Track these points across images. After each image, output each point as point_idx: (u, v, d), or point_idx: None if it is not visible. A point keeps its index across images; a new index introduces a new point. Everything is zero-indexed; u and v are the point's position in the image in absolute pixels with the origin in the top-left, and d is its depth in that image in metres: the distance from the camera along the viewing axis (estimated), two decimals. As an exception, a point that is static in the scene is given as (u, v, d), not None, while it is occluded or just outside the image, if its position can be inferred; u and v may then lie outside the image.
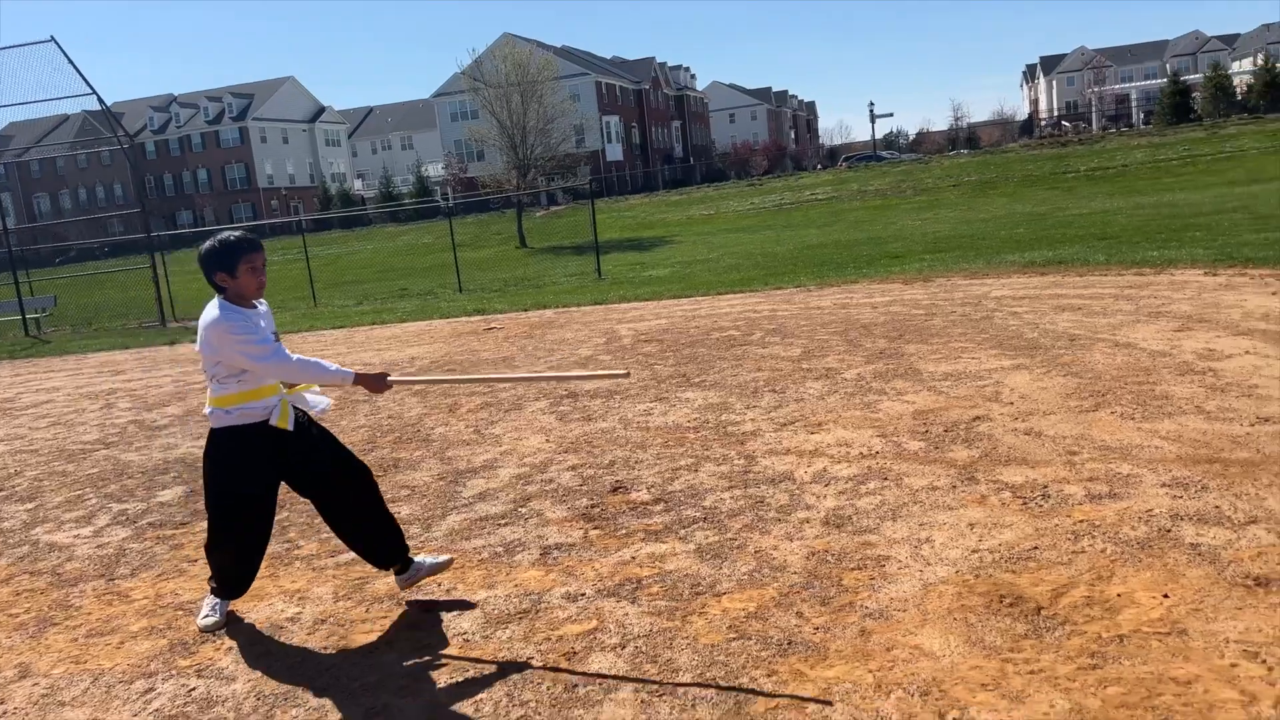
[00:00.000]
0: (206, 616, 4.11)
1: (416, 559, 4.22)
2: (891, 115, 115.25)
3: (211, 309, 3.76)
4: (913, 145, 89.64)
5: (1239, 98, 59.91)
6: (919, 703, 2.97)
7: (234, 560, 4.06)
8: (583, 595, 4.05)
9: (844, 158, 73.39)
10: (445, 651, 3.68)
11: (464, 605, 4.07)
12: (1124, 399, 6.15)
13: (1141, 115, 71.07)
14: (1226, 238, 14.35)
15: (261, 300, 3.94)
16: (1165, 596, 3.47)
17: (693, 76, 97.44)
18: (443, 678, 3.47)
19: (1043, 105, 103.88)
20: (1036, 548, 4.02)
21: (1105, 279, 11.79)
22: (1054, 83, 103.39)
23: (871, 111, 75.02)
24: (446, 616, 3.99)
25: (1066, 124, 75.83)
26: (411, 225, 59.07)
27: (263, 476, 3.94)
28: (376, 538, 4.12)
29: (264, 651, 3.84)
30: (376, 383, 3.92)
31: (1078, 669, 3.06)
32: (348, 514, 4.08)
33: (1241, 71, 68.34)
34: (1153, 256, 13.10)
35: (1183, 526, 4.07)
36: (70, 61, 19.51)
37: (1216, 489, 4.44)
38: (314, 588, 4.46)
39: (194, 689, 3.58)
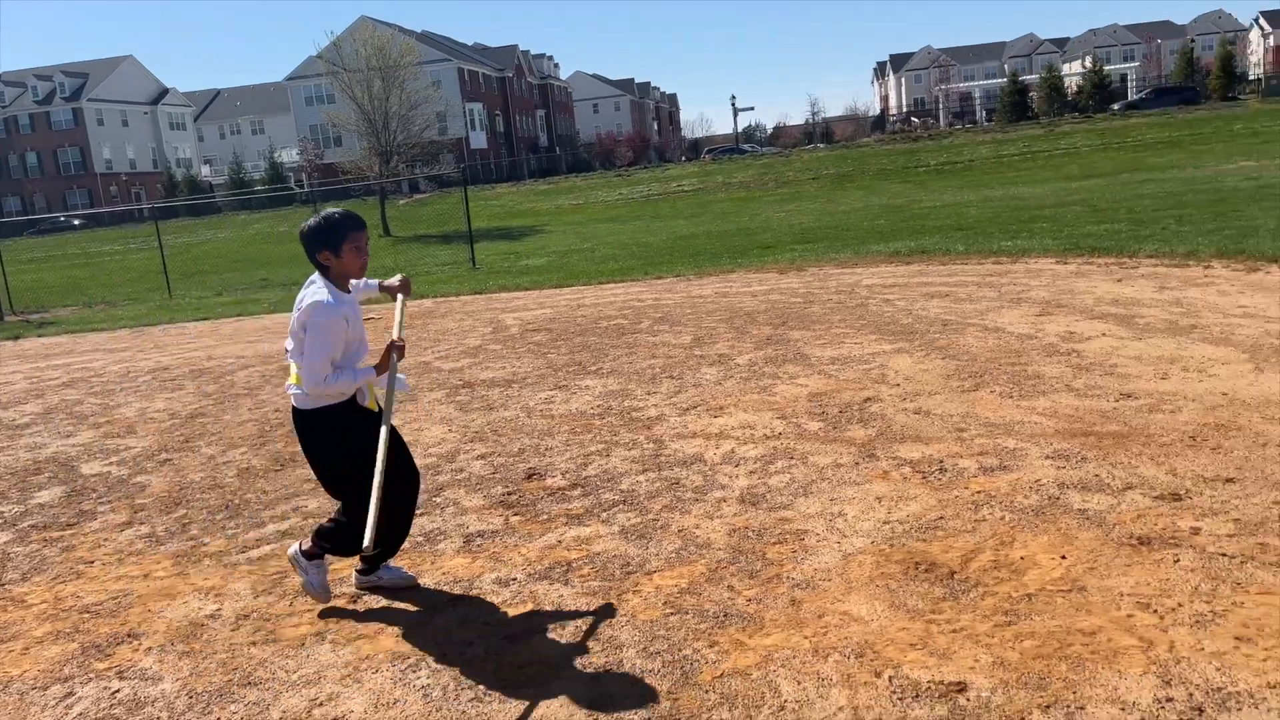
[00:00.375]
0: (316, 581, 3.98)
1: (386, 565, 4.12)
2: (753, 109, 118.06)
3: (314, 291, 3.61)
4: (771, 139, 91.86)
5: (1070, 98, 63.87)
6: (855, 664, 3.16)
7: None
8: (514, 580, 4.09)
9: (707, 150, 74.59)
10: (382, 641, 3.66)
11: (395, 594, 4.05)
12: (1000, 379, 6.58)
13: (984, 113, 74.89)
14: (1071, 229, 15.38)
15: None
16: (1063, 558, 3.77)
17: (556, 66, 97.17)
18: (384, 666, 3.46)
19: (893, 101, 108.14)
20: (942, 517, 4.29)
21: (967, 267, 12.47)
22: (903, 80, 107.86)
23: (734, 105, 76.50)
24: (378, 606, 3.97)
25: (915, 120, 79.19)
26: (266, 213, 56.82)
27: (369, 433, 3.74)
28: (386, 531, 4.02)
29: (187, 650, 3.73)
30: (386, 359, 3.79)
31: (995, 626, 3.31)
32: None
33: (1072, 74, 72.85)
34: (1007, 246, 13.92)
35: (1069, 494, 4.42)
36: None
37: (1094, 459, 4.83)
38: (229, 584, 4.34)
39: (118, 691, 3.45)
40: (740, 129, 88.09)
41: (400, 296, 4.12)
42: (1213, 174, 25.46)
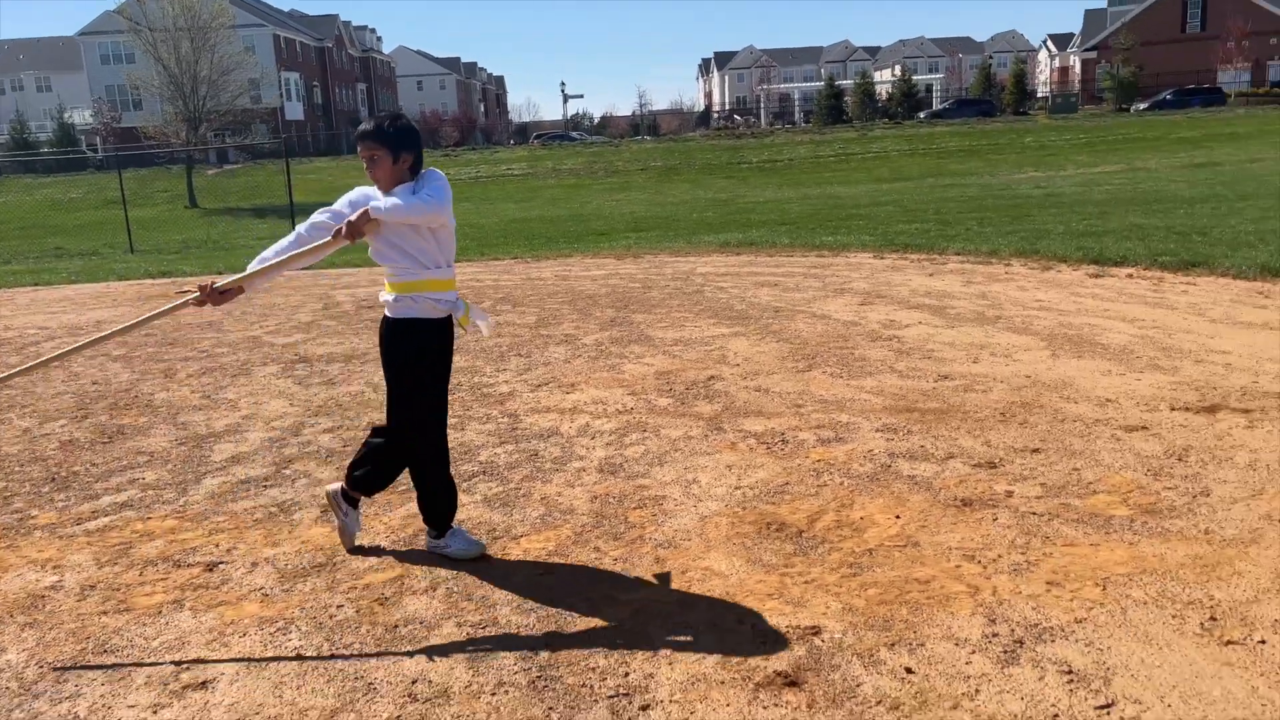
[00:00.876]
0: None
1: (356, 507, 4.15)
2: (582, 97, 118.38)
3: None
4: (598, 128, 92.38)
5: (881, 104, 67.53)
6: (720, 613, 3.38)
7: None
8: (379, 547, 4.10)
9: (536, 135, 74.29)
10: (246, 607, 3.60)
11: (253, 563, 3.98)
12: (830, 361, 7.02)
13: (802, 114, 78.03)
14: (885, 227, 16.39)
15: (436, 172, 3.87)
16: (898, 517, 4.14)
17: (379, 39, 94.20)
18: (251, 630, 3.41)
19: (716, 98, 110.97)
20: (787, 483, 4.60)
21: (792, 259, 13.10)
22: (726, 78, 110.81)
23: (563, 91, 76.50)
24: (236, 574, 3.89)
25: (739, 118, 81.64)
26: (54, 178, 52.50)
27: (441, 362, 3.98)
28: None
29: (29, 621, 3.55)
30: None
31: (842, 577, 3.61)
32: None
33: (883, 81, 76.98)
34: (828, 241, 14.69)
35: (899, 462, 4.82)
36: None
37: (919, 432, 5.28)
38: (68, 555, 4.13)
39: (-45, 665, 3.25)
40: (569, 116, 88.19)
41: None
42: (1007, 181, 27.66)
